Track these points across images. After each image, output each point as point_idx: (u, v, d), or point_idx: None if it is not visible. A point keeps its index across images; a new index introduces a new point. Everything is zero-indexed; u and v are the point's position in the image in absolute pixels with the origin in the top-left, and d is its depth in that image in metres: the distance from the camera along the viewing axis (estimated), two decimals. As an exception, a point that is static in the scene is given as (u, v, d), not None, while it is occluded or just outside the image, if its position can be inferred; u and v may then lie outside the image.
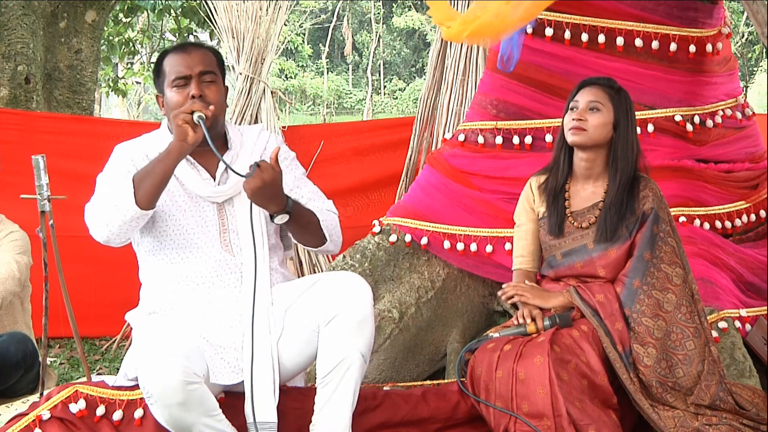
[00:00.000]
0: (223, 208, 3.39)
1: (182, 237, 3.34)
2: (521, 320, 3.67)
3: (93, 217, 3.21)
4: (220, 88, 3.40)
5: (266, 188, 3.13)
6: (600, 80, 3.82)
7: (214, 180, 3.39)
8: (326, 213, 3.45)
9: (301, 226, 3.34)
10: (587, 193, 3.81)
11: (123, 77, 14.11)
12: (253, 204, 3.22)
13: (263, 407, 3.18)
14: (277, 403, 3.20)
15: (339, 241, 3.49)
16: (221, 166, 3.38)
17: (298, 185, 3.52)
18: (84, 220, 3.24)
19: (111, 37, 12.03)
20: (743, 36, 23.93)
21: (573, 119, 3.74)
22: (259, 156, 3.46)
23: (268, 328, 3.25)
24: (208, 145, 3.16)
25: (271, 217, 3.27)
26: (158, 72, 3.42)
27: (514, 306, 4.15)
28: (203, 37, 13.06)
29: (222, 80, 3.46)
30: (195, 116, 3.17)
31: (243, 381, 3.20)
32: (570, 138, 3.75)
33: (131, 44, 12.57)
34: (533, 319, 3.64)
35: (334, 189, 5.19)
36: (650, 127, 4.73)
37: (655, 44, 4.75)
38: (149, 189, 3.13)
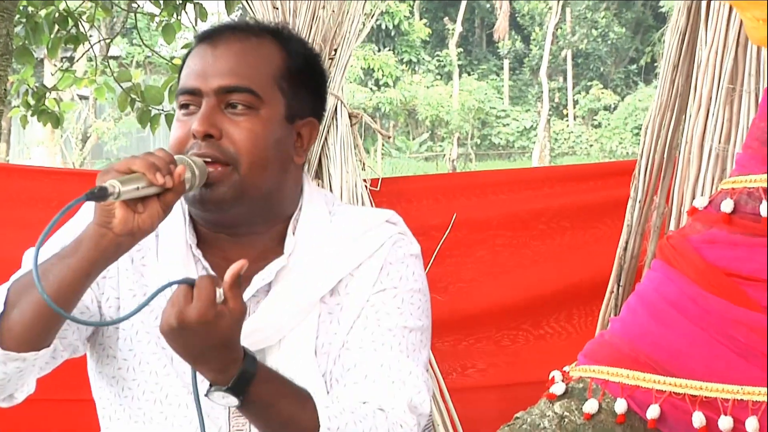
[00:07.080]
0: None
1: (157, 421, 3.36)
2: None
3: None
4: (266, 124, 3.32)
5: (198, 332, 2.89)
6: None
7: None
8: (358, 410, 3.23)
9: (263, 418, 3.15)
10: None
11: (55, 88, 13.91)
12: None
13: None
14: None
15: None
16: (254, 284, 3.30)
17: (376, 339, 3.37)
18: None
19: (34, 11, 12.13)
20: None
21: None
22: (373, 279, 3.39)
23: None
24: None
25: (207, 391, 3.05)
26: None
27: None
28: (212, 10, 13.24)
29: (285, 106, 3.39)
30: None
31: None
32: None
33: (71, 24, 12.58)
34: None
35: (467, 306, 5.18)
36: None
37: None
38: (24, 317, 3.03)
